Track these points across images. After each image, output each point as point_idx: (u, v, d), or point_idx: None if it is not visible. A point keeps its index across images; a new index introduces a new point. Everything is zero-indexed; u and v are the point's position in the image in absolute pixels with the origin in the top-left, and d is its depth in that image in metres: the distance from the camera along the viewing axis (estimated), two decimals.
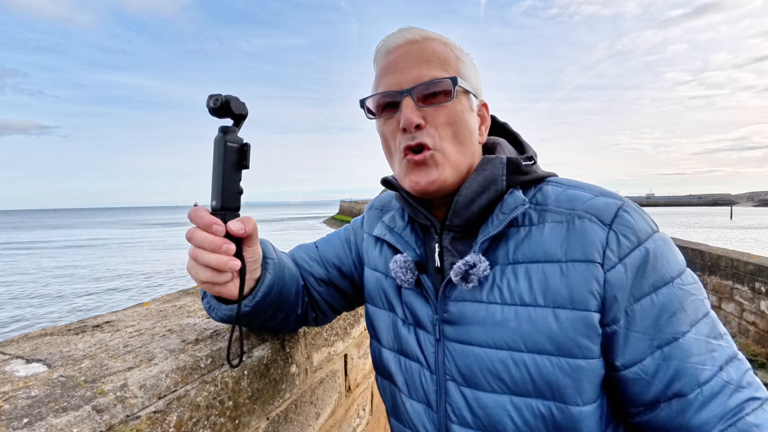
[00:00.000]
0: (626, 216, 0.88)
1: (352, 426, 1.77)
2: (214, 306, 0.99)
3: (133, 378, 0.85)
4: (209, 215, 0.84)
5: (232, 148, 0.86)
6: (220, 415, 0.98)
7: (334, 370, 1.61)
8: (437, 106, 0.97)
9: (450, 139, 0.97)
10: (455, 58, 1.02)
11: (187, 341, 1.05)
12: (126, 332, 1.11)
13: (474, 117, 1.03)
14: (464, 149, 0.99)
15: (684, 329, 0.85)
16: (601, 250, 0.86)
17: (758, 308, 6.47)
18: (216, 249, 0.83)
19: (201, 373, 0.96)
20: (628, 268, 0.85)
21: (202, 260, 0.84)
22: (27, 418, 0.68)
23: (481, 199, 0.97)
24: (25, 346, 0.99)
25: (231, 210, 0.87)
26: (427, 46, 1.00)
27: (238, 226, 0.85)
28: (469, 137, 1.00)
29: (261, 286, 0.97)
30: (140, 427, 0.79)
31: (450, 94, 0.96)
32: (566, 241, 0.90)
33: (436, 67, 0.98)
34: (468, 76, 1.02)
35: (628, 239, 0.86)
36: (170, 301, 1.48)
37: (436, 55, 1.00)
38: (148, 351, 0.98)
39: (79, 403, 0.74)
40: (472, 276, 0.93)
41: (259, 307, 0.98)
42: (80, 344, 1.01)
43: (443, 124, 0.97)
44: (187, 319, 1.23)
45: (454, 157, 0.98)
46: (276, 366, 1.20)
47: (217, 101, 0.84)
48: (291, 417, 1.28)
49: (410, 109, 0.96)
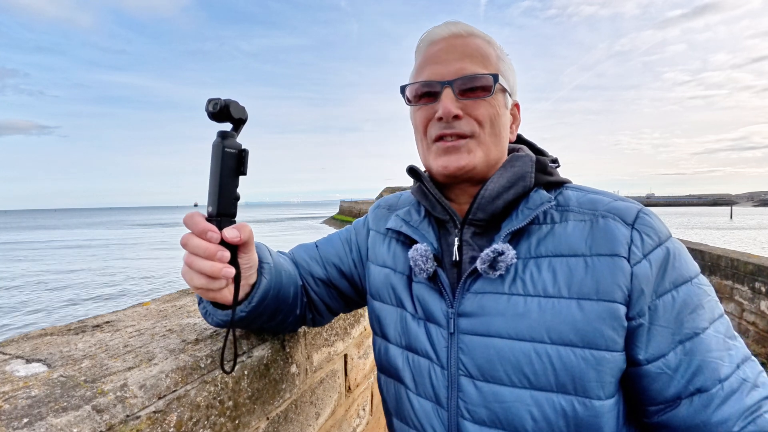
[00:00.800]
0: (647, 218, 0.91)
1: (352, 426, 1.77)
2: (210, 311, 0.99)
3: (133, 378, 0.84)
4: (204, 222, 0.83)
5: (230, 154, 0.84)
6: (220, 415, 0.97)
7: (334, 370, 1.61)
8: (476, 100, 0.99)
9: (486, 132, 1.00)
10: (496, 56, 1.04)
11: (187, 341, 1.05)
12: (126, 332, 1.11)
13: (507, 115, 1.06)
14: (498, 142, 1.03)
15: (704, 325, 0.87)
16: (626, 246, 0.88)
17: (758, 308, 6.45)
18: (210, 256, 0.83)
19: (201, 373, 0.95)
20: (652, 264, 0.87)
21: (196, 267, 0.84)
22: (27, 417, 0.68)
23: (508, 194, 0.99)
24: (25, 346, 0.99)
25: (227, 216, 0.86)
26: (471, 41, 1.03)
27: (233, 233, 0.85)
28: (502, 132, 1.04)
29: (257, 291, 0.97)
30: (140, 427, 0.78)
31: (490, 89, 0.99)
32: (590, 237, 0.92)
33: (478, 62, 1.01)
34: (507, 75, 1.05)
35: (650, 238, 0.89)
36: (170, 301, 1.48)
37: (479, 51, 1.02)
38: (148, 351, 0.98)
39: (79, 403, 0.74)
40: (500, 263, 0.93)
41: (256, 311, 0.98)
42: (80, 344, 1.01)
43: (482, 116, 1.00)
44: (187, 319, 1.23)
45: (488, 147, 1.01)
46: (276, 366, 1.20)
47: (216, 105, 0.82)
48: (291, 417, 1.28)
49: (450, 99, 0.98)
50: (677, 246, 0.91)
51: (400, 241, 1.16)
